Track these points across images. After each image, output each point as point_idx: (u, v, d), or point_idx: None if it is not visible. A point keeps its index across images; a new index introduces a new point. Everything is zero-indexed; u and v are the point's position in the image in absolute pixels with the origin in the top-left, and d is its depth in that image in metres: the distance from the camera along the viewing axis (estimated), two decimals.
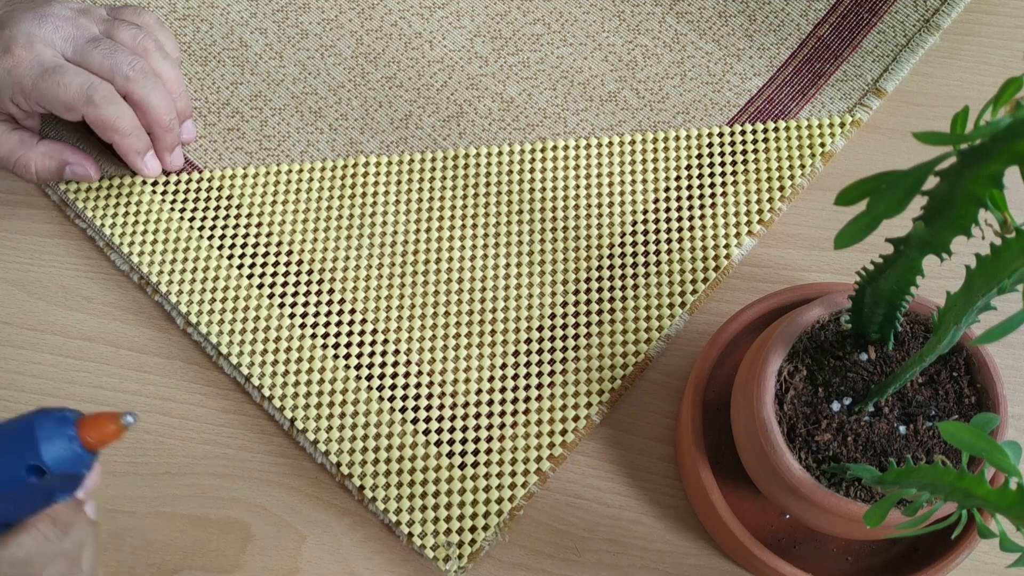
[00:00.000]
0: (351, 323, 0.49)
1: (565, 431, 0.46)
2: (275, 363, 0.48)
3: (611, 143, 0.53)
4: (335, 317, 0.49)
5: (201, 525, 0.46)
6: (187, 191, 0.52)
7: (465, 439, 0.46)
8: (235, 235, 0.51)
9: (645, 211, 0.51)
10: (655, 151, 0.53)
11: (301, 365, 0.48)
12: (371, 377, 0.47)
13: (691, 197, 0.51)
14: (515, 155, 0.53)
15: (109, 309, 0.50)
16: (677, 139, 0.53)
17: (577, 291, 0.49)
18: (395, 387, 0.47)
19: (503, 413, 0.46)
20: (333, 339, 0.48)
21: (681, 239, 0.50)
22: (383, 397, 0.47)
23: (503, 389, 0.47)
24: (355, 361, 0.48)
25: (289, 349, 0.48)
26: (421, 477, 0.45)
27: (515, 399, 0.47)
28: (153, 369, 0.49)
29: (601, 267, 0.50)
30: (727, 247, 0.50)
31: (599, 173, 0.52)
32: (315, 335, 0.48)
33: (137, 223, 0.51)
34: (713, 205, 0.51)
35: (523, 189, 0.52)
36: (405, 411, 0.47)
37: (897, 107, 0.54)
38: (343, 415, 0.47)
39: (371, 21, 0.58)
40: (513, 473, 0.45)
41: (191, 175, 0.53)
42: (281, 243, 0.51)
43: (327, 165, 0.53)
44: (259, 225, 0.51)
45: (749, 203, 0.51)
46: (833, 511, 0.36)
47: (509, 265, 0.50)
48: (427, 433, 0.46)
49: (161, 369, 0.49)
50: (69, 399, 0.48)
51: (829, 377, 0.37)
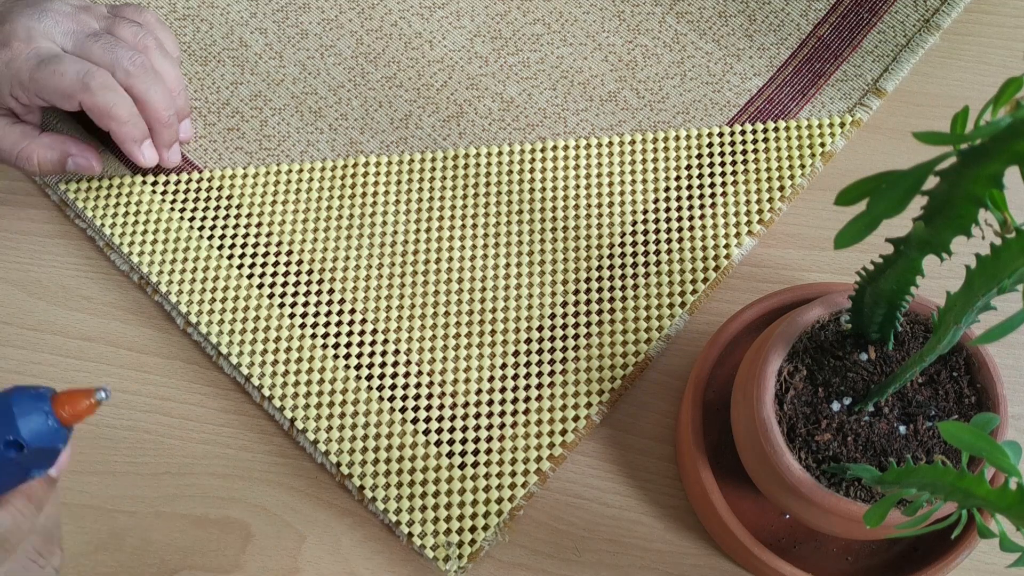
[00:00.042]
0: (351, 323, 0.49)
1: (565, 431, 0.46)
2: (275, 363, 0.48)
3: (611, 143, 0.53)
4: (335, 317, 0.49)
5: (201, 525, 0.46)
6: (187, 191, 0.52)
7: (465, 439, 0.46)
8: (235, 235, 0.51)
9: (645, 211, 0.51)
10: (655, 151, 0.53)
11: (301, 365, 0.48)
12: (371, 377, 0.47)
13: (691, 197, 0.51)
14: (515, 155, 0.53)
15: (109, 309, 0.50)
16: (677, 139, 0.53)
17: (577, 291, 0.49)
18: (395, 387, 0.47)
19: (503, 413, 0.46)
20: (333, 339, 0.48)
21: (681, 239, 0.50)
22: (383, 397, 0.47)
23: (503, 389, 0.47)
24: (355, 361, 0.48)
25: (289, 349, 0.48)
26: (421, 477, 0.45)
27: (515, 399, 0.47)
28: (153, 369, 0.49)
29: (601, 267, 0.50)
30: (727, 247, 0.50)
31: (599, 173, 0.52)
32: (315, 335, 0.48)
33: (137, 223, 0.51)
34: (713, 205, 0.51)
35: (523, 189, 0.52)
36: (405, 411, 0.47)
37: (897, 107, 0.54)
38: (343, 415, 0.47)
39: (371, 21, 0.57)
40: (513, 473, 0.45)
41: (191, 175, 0.53)
42: (281, 243, 0.51)
43: (327, 165, 0.53)
44: (259, 225, 0.51)
45: (749, 203, 0.51)
46: (833, 511, 0.36)
47: (509, 265, 0.50)
48: (427, 433, 0.46)
49: (161, 369, 0.49)
50: None
51: (829, 377, 0.37)
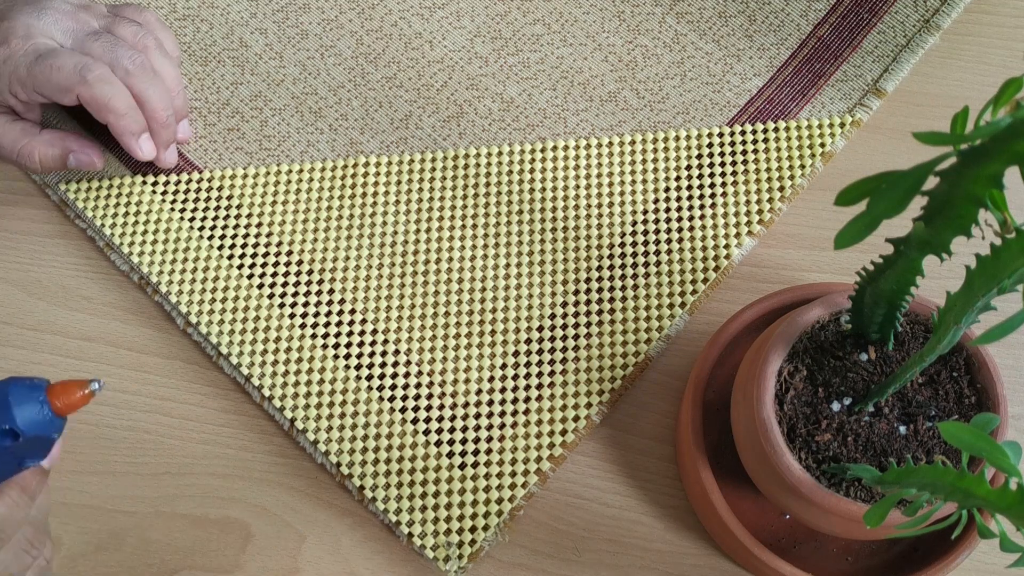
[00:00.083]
0: (351, 323, 0.49)
1: (565, 431, 0.46)
2: (275, 363, 0.48)
3: (611, 143, 0.53)
4: (335, 317, 0.49)
5: (201, 525, 0.46)
6: (187, 191, 0.52)
7: (465, 439, 0.46)
8: (235, 235, 0.51)
9: (645, 211, 0.51)
10: (655, 151, 0.53)
11: (301, 365, 0.48)
12: (371, 377, 0.47)
13: (691, 197, 0.51)
14: (515, 155, 0.53)
15: (109, 309, 0.50)
16: (677, 139, 0.53)
17: (577, 291, 0.49)
18: (395, 387, 0.47)
19: (503, 413, 0.46)
20: (333, 339, 0.48)
21: (681, 239, 0.50)
22: (383, 397, 0.47)
23: (503, 389, 0.47)
24: (355, 361, 0.48)
25: (289, 349, 0.48)
26: (421, 477, 0.45)
27: (515, 399, 0.47)
28: (153, 369, 0.49)
29: (601, 267, 0.50)
30: (727, 247, 0.50)
31: (599, 173, 0.52)
32: (315, 335, 0.48)
33: (137, 223, 0.51)
34: (713, 205, 0.51)
35: (523, 189, 0.52)
36: (405, 411, 0.47)
37: (897, 107, 0.54)
38: (343, 415, 0.47)
39: (371, 21, 0.57)
40: (513, 473, 0.45)
41: (191, 175, 0.53)
42: (281, 243, 0.51)
43: (327, 165, 0.53)
44: (259, 225, 0.51)
45: (749, 203, 0.51)
46: (833, 511, 0.36)
47: (509, 265, 0.50)
48: (427, 433, 0.46)
49: (161, 369, 0.49)
50: None
51: (829, 377, 0.37)
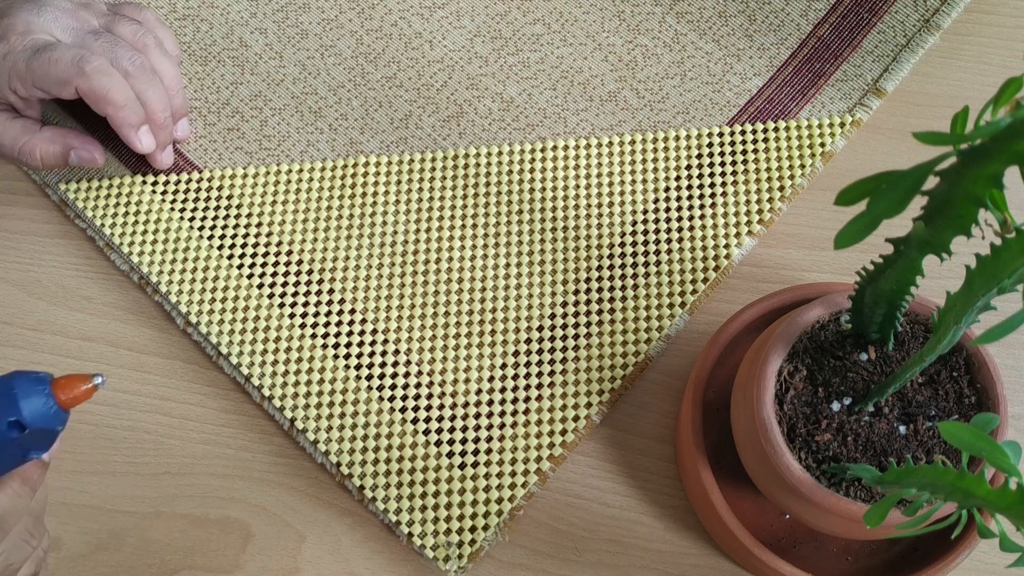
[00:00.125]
0: (351, 323, 0.49)
1: (565, 431, 0.46)
2: (275, 363, 0.48)
3: (611, 143, 0.53)
4: (335, 317, 0.49)
5: (201, 525, 0.46)
6: (187, 191, 0.52)
7: (465, 439, 0.46)
8: (235, 235, 0.51)
9: (645, 211, 0.51)
10: (655, 151, 0.53)
11: (301, 365, 0.48)
12: (371, 377, 0.47)
13: (691, 197, 0.51)
14: (515, 155, 0.53)
15: (109, 309, 0.50)
16: (677, 139, 0.53)
17: (577, 291, 0.49)
18: (395, 387, 0.47)
19: (503, 413, 0.46)
20: (333, 339, 0.48)
21: (681, 239, 0.50)
22: (383, 397, 0.47)
23: (503, 389, 0.47)
24: (355, 361, 0.48)
25: (289, 349, 0.48)
26: (421, 477, 0.45)
27: (515, 399, 0.47)
28: (153, 369, 0.49)
29: (601, 267, 0.50)
30: (727, 247, 0.50)
31: (599, 173, 0.52)
32: (315, 335, 0.48)
33: (137, 223, 0.51)
34: (713, 205, 0.51)
35: (523, 189, 0.52)
36: (405, 411, 0.47)
37: (897, 107, 0.54)
38: (343, 415, 0.47)
39: (371, 21, 0.57)
40: (513, 473, 0.45)
41: (191, 175, 0.53)
42: (281, 243, 0.51)
43: (327, 165, 0.53)
44: (259, 225, 0.51)
45: (749, 203, 0.51)
46: (833, 511, 0.36)
47: (509, 265, 0.50)
48: (427, 433, 0.46)
49: (161, 369, 0.49)
50: None
51: (829, 377, 0.37)
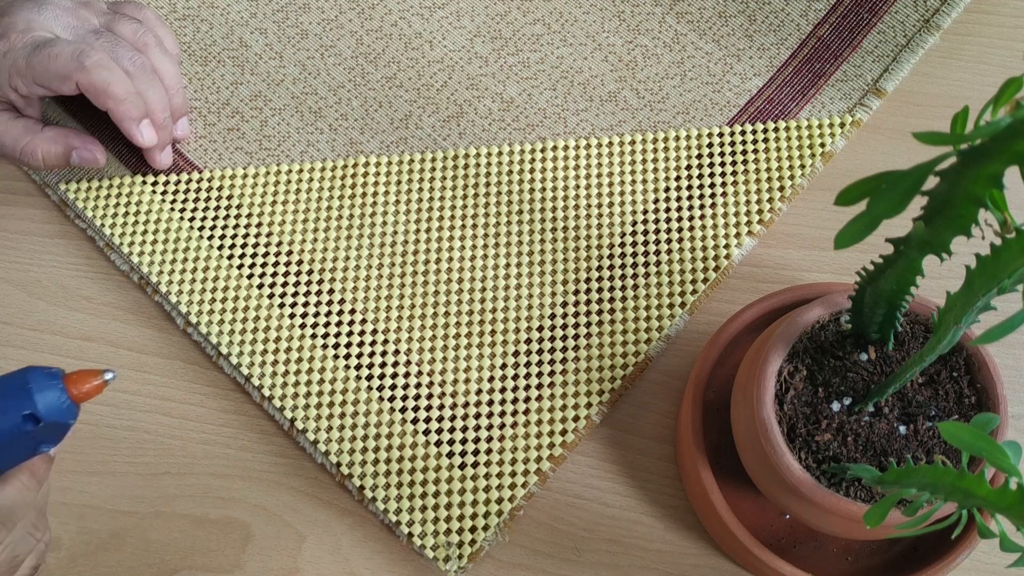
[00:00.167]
0: (351, 323, 0.49)
1: (565, 431, 0.46)
2: (275, 363, 0.48)
3: (611, 143, 0.53)
4: (335, 317, 0.49)
5: (201, 525, 0.46)
6: (187, 191, 0.52)
7: (465, 439, 0.46)
8: (235, 235, 0.51)
9: (645, 211, 0.51)
10: (655, 151, 0.53)
11: (301, 365, 0.48)
12: (371, 377, 0.47)
13: (691, 197, 0.51)
14: (515, 155, 0.53)
15: (109, 309, 0.50)
16: (677, 139, 0.53)
17: (577, 291, 0.49)
18: (395, 387, 0.47)
19: (503, 413, 0.46)
20: (333, 339, 0.48)
21: (681, 239, 0.50)
22: (383, 397, 0.47)
23: (503, 389, 0.47)
24: (355, 361, 0.48)
25: (289, 349, 0.48)
26: (421, 477, 0.45)
27: (515, 399, 0.47)
28: (153, 369, 0.49)
29: (601, 267, 0.50)
30: (727, 247, 0.50)
31: (599, 173, 0.52)
32: (315, 335, 0.48)
33: (137, 223, 0.51)
34: (713, 205, 0.51)
35: (523, 189, 0.52)
36: (405, 411, 0.47)
37: (897, 107, 0.54)
38: (343, 415, 0.47)
39: (371, 21, 0.57)
40: (513, 473, 0.45)
41: (191, 175, 0.53)
42: (281, 243, 0.51)
43: (327, 165, 0.53)
44: (259, 225, 0.51)
45: (749, 203, 0.51)
46: (833, 511, 0.36)
47: (509, 265, 0.50)
48: (427, 433, 0.46)
49: (161, 369, 0.49)
50: None
51: (829, 377, 0.37)
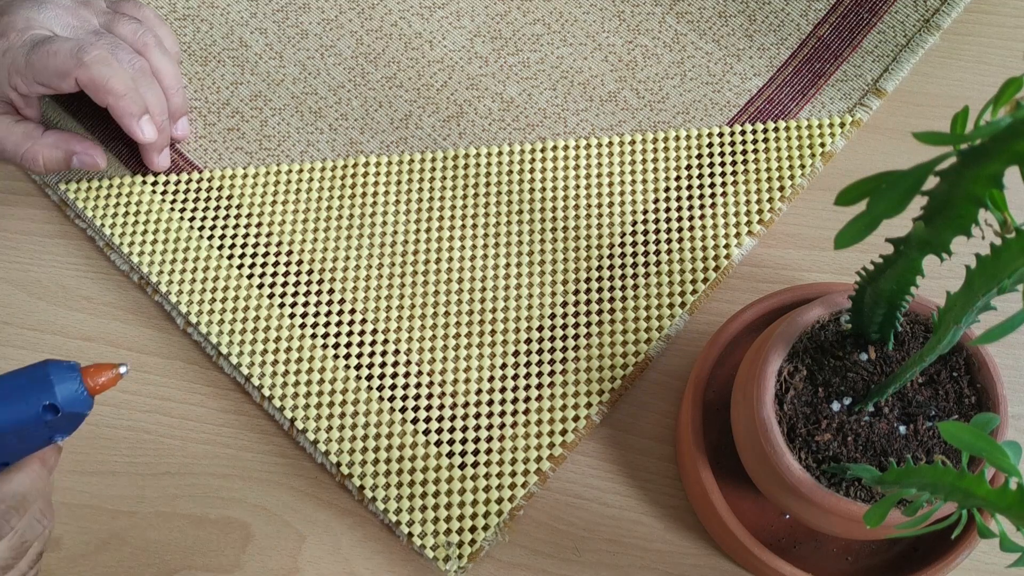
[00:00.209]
0: (351, 323, 0.49)
1: (565, 431, 0.46)
2: (275, 363, 0.48)
3: (611, 143, 0.53)
4: (335, 317, 0.49)
5: (201, 525, 0.46)
6: (187, 191, 0.52)
7: (465, 439, 0.46)
8: (235, 235, 0.51)
9: (645, 211, 0.51)
10: (655, 151, 0.53)
11: (301, 365, 0.48)
12: (371, 377, 0.47)
13: (691, 197, 0.51)
14: (515, 155, 0.53)
15: (109, 309, 0.50)
16: (677, 139, 0.53)
17: (577, 291, 0.49)
18: (395, 387, 0.47)
19: (503, 413, 0.46)
20: (333, 339, 0.48)
21: (681, 239, 0.50)
22: (383, 397, 0.47)
23: (503, 389, 0.47)
24: (355, 361, 0.48)
25: (289, 349, 0.48)
26: (421, 477, 0.45)
27: (515, 399, 0.47)
28: (153, 369, 0.49)
29: (601, 267, 0.50)
30: (727, 247, 0.50)
31: (599, 173, 0.52)
32: (315, 335, 0.48)
33: (137, 223, 0.51)
34: (713, 205, 0.51)
35: (523, 189, 0.52)
36: (405, 411, 0.47)
37: (897, 107, 0.54)
38: (343, 415, 0.47)
39: (371, 21, 0.57)
40: (513, 473, 0.45)
41: (191, 175, 0.53)
42: (281, 243, 0.51)
43: (327, 165, 0.53)
44: (259, 225, 0.51)
45: (749, 203, 0.51)
46: (833, 511, 0.36)
47: (509, 265, 0.50)
48: (427, 433, 0.46)
49: (161, 369, 0.49)
50: None
51: (829, 377, 0.37)
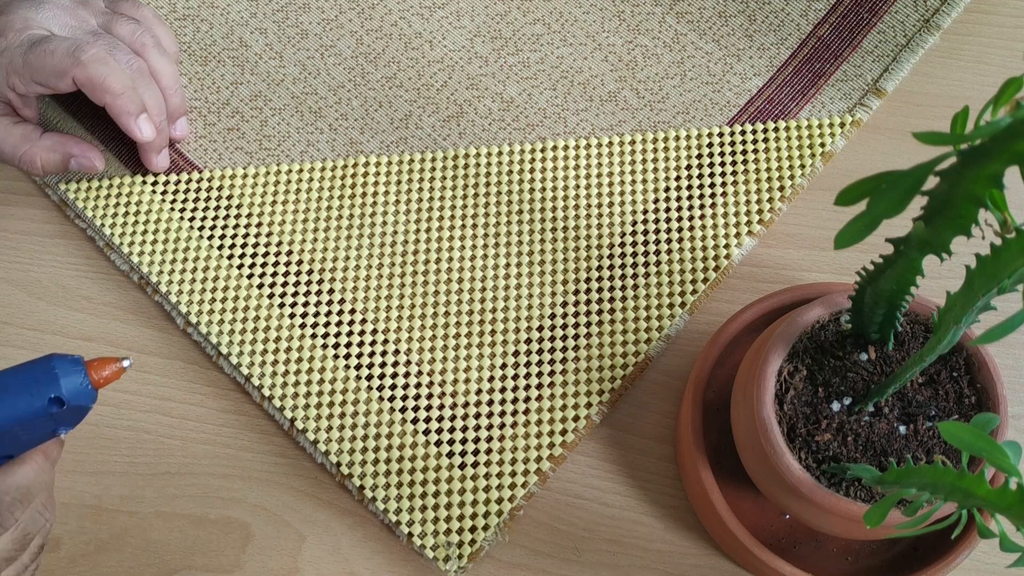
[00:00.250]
0: (351, 323, 0.49)
1: (565, 431, 0.46)
2: (275, 363, 0.48)
3: (611, 143, 0.53)
4: (335, 317, 0.49)
5: (201, 525, 0.46)
6: (187, 191, 0.52)
7: (465, 439, 0.46)
8: (235, 235, 0.51)
9: (645, 211, 0.51)
10: (655, 151, 0.53)
11: (301, 365, 0.48)
12: (371, 377, 0.47)
13: (691, 197, 0.51)
14: (515, 155, 0.53)
15: (109, 309, 0.50)
16: (677, 139, 0.53)
17: (577, 291, 0.49)
18: (395, 387, 0.47)
19: (503, 413, 0.46)
20: (333, 339, 0.48)
21: (681, 239, 0.50)
22: (383, 397, 0.47)
23: (503, 389, 0.47)
24: (355, 361, 0.48)
25: (289, 349, 0.48)
26: (421, 477, 0.45)
27: (515, 399, 0.47)
28: (153, 369, 0.49)
29: (601, 267, 0.50)
30: (727, 247, 0.50)
31: (599, 173, 0.52)
32: (315, 335, 0.48)
33: (137, 223, 0.51)
34: (713, 205, 0.51)
35: (523, 189, 0.52)
36: (405, 411, 0.47)
37: (897, 107, 0.54)
38: (343, 415, 0.47)
39: (371, 21, 0.57)
40: (513, 473, 0.45)
41: (191, 175, 0.53)
42: (281, 243, 0.51)
43: (327, 165, 0.53)
44: (259, 225, 0.51)
45: (749, 203, 0.51)
46: (833, 511, 0.36)
47: (509, 265, 0.50)
48: (427, 433, 0.46)
49: (161, 369, 0.49)
50: None
51: (829, 377, 0.37)
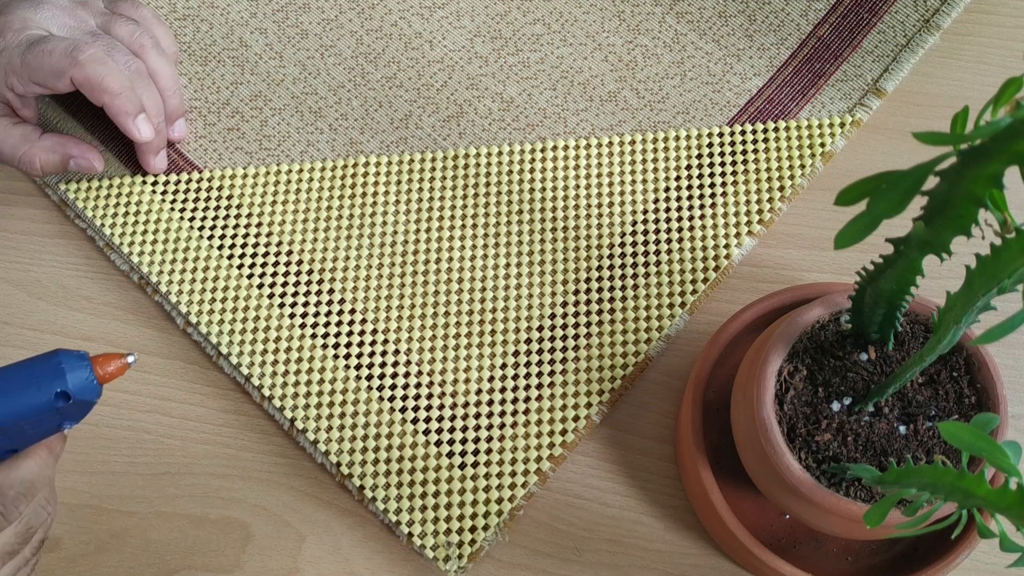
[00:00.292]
0: (351, 323, 0.49)
1: (565, 431, 0.46)
2: (275, 363, 0.48)
3: (611, 143, 0.53)
4: (335, 317, 0.49)
5: (201, 525, 0.46)
6: (187, 191, 0.52)
7: (465, 439, 0.46)
8: (235, 235, 0.51)
9: (645, 211, 0.51)
10: (655, 151, 0.53)
11: (301, 365, 0.48)
12: (371, 377, 0.47)
13: (691, 197, 0.51)
14: (515, 155, 0.53)
15: (109, 309, 0.50)
16: (677, 139, 0.53)
17: (577, 291, 0.49)
18: (395, 387, 0.47)
19: (503, 413, 0.46)
20: (333, 339, 0.48)
21: (681, 239, 0.50)
22: (383, 397, 0.47)
23: (503, 389, 0.47)
24: (355, 361, 0.48)
25: (289, 349, 0.48)
26: (421, 477, 0.45)
27: (515, 399, 0.47)
28: (153, 369, 0.49)
29: (601, 267, 0.50)
30: (727, 247, 0.50)
31: (599, 173, 0.52)
32: (315, 335, 0.48)
33: (137, 223, 0.51)
34: (713, 205, 0.51)
35: (523, 189, 0.52)
36: (405, 411, 0.47)
37: (897, 107, 0.54)
38: (343, 415, 0.47)
39: (371, 21, 0.57)
40: (513, 473, 0.45)
41: (191, 175, 0.53)
42: (281, 243, 0.51)
43: (327, 165, 0.53)
44: (259, 225, 0.51)
45: (749, 203, 0.51)
46: (833, 511, 0.36)
47: (509, 265, 0.50)
48: (427, 433, 0.46)
49: (161, 369, 0.49)
50: None
51: (829, 377, 0.37)
